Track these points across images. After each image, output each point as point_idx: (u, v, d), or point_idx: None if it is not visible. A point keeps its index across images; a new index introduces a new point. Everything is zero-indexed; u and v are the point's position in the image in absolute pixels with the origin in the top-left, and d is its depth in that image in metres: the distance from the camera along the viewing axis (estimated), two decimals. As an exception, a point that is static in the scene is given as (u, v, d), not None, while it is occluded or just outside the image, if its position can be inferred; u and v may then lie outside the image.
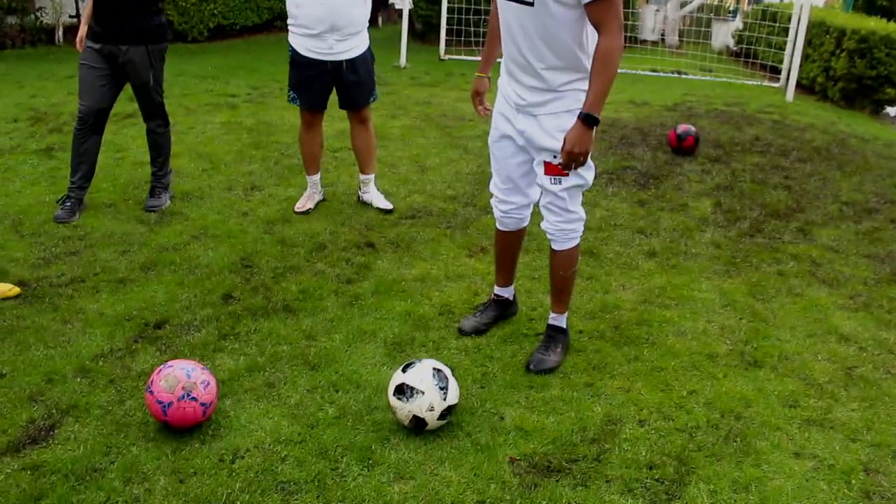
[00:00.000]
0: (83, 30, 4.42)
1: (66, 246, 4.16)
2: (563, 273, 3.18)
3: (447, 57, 11.00)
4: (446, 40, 11.17)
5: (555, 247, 3.15)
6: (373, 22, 4.41)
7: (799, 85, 9.60)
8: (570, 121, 2.89)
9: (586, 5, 2.70)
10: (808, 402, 3.04)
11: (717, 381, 3.15)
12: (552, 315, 3.29)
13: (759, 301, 3.86)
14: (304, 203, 4.78)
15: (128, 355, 3.16)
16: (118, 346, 3.22)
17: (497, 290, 3.54)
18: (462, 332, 3.41)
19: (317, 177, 4.82)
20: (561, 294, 3.25)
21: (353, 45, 4.45)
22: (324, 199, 4.88)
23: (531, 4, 2.77)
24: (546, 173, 3.00)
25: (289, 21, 4.48)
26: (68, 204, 4.56)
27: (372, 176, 4.91)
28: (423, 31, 12.84)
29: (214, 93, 8.05)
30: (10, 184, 5.07)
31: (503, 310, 3.55)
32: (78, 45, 4.45)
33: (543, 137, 2.95)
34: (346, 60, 4.45)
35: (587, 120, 2.75)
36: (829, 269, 4.30)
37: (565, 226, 3.08)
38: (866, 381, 3.21)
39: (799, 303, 3.87)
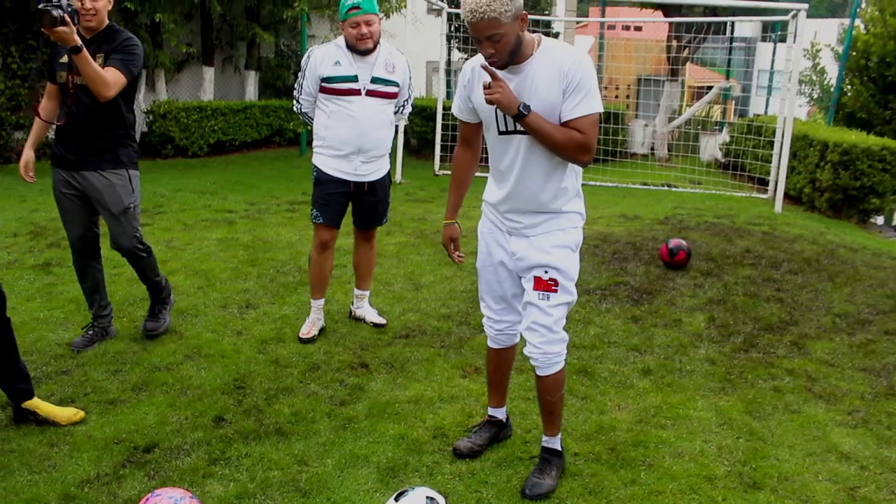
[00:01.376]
0: (27, 154, 4.26)
1: (58, 364, 4.14)
2: (550, 398, 3.16)
3: (442, 172, 11.24)
4: (441, 156, 11.44)
5: (540, 373, 3.13)
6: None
7: (786, 196, 9.79)
8: (563, 238, 2.96)
9: (572, 121, 2.82)
10: (810, 528, 2.97)
11: (716, 505, 3.09)
12: (545, 438, 3.25)
13: (755, 419, 3.82)
14: (310, 329, 4.68)
15: (115, 481, 3.10)
16: (105, 472, 3.16)
17: (491, 410, 3.51)
18: (457, 454, 3.36)
19: (322, 302, 4.77)
20: (551, 417, 3.22)
21: (377, 167, 4.60)
22: (324, 327, 4.80)
23: (528, 133, 2.87)
24: (535, 288, 3.02)
25: (315, 143, 4.59)
26: (89, 333, 4.48)
27: (367, 292, 4.97)
28: (418, 147, 13.17)
29: (212, 208, 8.18)
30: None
31: (498, 431, 3.50)
32: (23, 172, 4.25)
33: (536, 254, 3.01)
34: (368, 182, 4.57)
35: (522, 107, 2.82)
36: (825, 383, 4.28)
37: (549, 348, 3.06)
38: (870, 502, 3.15)
39: (796, 420, 3.84)
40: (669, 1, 13.29)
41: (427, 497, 2.69)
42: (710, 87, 16.43)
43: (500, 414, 3.50)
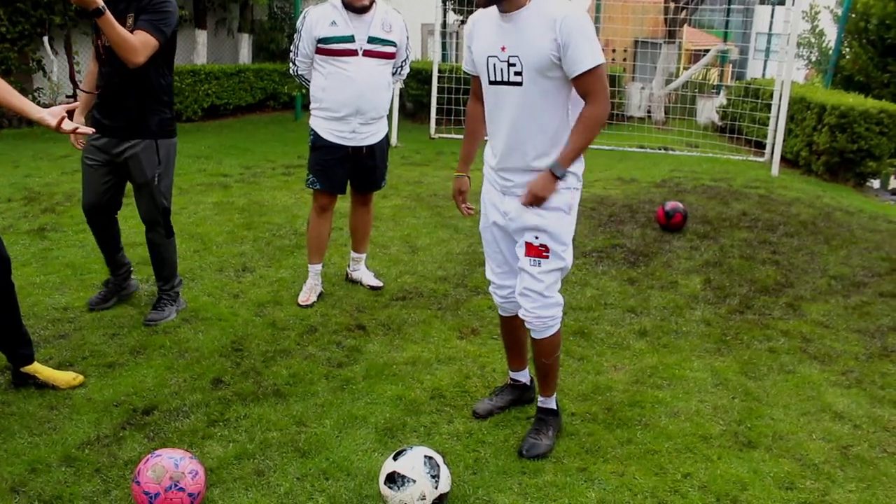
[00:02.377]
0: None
1: (56, 329, 4.14)
2: (545, 360, 3.17)
3: (437, 136, 11.18)
4: (436, 119, 11.38)
5: (534, 335, 3.13)
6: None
7: (783, 159, 9.77)
8: (555, 199, 2.93)
9: (575, 78, 2.78)
10: (804, 484, 3.01)
11: (711, 463, 3.12)
12: (541, 398, 3.27)
13: (751, 379, 3.85)
14: (309, 296, 4.64)
15: (115, 443, 3.12)
16: (105, 434, 3.17)
17: (511, 374, 3.50)
18: (476, 416, 3.37)
19: (319, 267, 4.73)
20: (546, 379, 3.23)
21: (375, 130, 4.53)
22: (322, 292, 4.77)
23: (520, 84, 2.85)
24: (526, 254, 3.01)
25: (312, 105, 4.50)
26: (104, 290, 4.46)
27: (364, 255, 4.96)
28: (414, 110, 13.09)
29: (207, 172, 8.14)
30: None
31: (520, 394, 3.50)
32: (73, 141, 4.00)
33: (526, 215, 2.97)
34: (367, 146, 4.51)
35: (553, 169, 2.84)
36: (819, 344, 4.31)
37: (542, 312, 3.05)
38: (863, 460, 3.18)
39: (791, 380, 3.87)
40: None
41: (425, 456, 2.71)
42: (707, 50, 16.32)
43: (521, 377, 3.50)
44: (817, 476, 3.07)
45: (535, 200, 2.87)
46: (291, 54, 4.51)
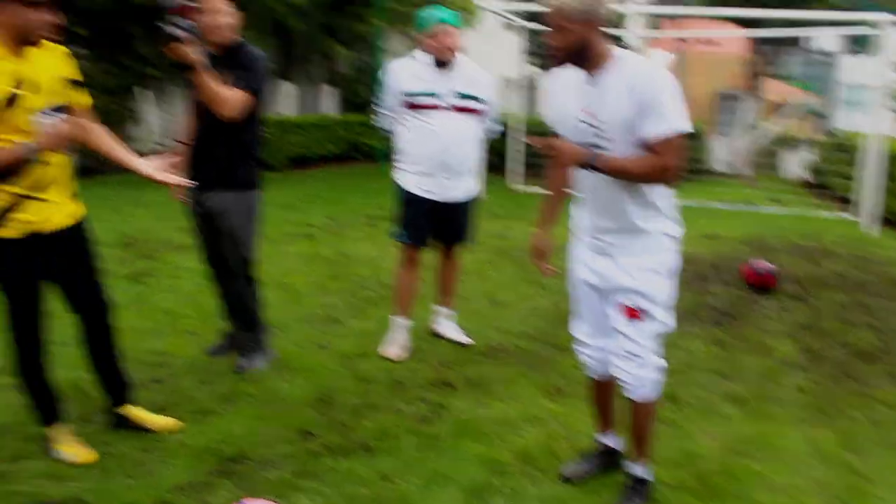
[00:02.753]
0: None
1: (151, 373, 4.26)
2: (640, 424, 3.10)
3: (521, 189, 11.22)
4: (518, 172, 11.44)
5: (629, 396, 3.08)
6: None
7: (880, 217, 9.46)
8: (649, 260, 2.90)
9: (650, 142, 2.73)
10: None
11: (812, 541, 2.99)
12: (631, 465, 3.20)
13: (853, 453, 3.69)
14: (395, 349, 4.63)
15: (206, 489, 3.17)
16: (197, 479, 3.23)
17: (599, 438, 3.43)
18: (564, 479, 3.31)
19: (406, 321, 4.71)
20: (640, 443, 3.16)
21: (462, 184, 4.54)
22: (408, 345, 4.74)
23: (604, 147, 2.83)
24: (621, 315, 2.97)
25: (398, 158, 4.56)
26: (223, 342, 4.57)
27: (450, 309, 4.98)
28: (496, 163, 13.16)
29: (293, 222, 8.34)
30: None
31: (609, 459, 3.40)
32: (172, 192, 4.13)
33: (621, 276, 2.94)
34: (453, 201, 4.54)
35: (591, 158, 2.79)
36: (924, 418, 4.11)
37: (639, 371, 3.01)
38: (975, 546, 3.01)
39: (897, 457, 3.69)
40: (747, 15, 13.03)
41: None
42: (791, 103, 16.06)
43: (610, 441, 3.41)
44: (927, 560, 2.91)
45: (553, 148, 2.83)
46: (376, 107, 4.59)
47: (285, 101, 14.29)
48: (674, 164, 2.76)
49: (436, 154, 4.39)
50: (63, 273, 3.35)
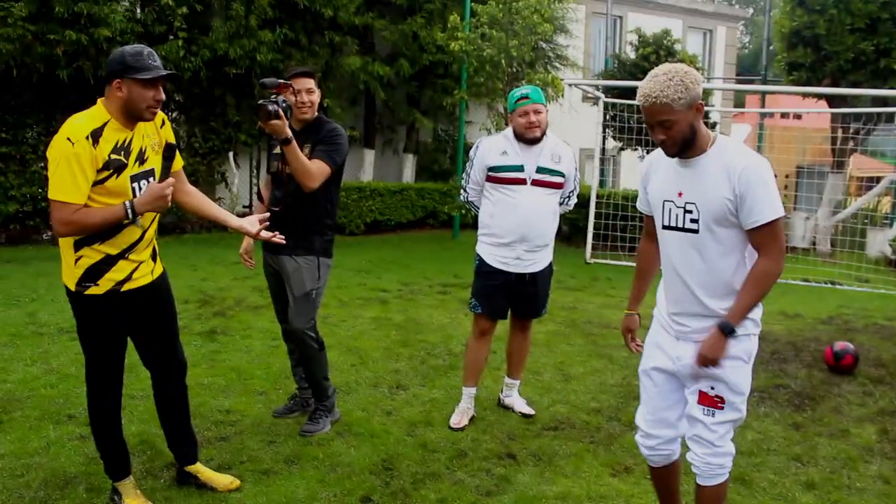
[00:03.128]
0: (247, 241, 4.42)
1: (218, 431, 4.34)
2: None
3: (593, 261, 11.16)
4: (593, 244, 11.39)
5: (700, 482, 3.00)
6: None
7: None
8: (733, 348, 2.84)
9: (750, 230, 2.74)
10: None
11: None
12: None
13: (936, 550, 3.49)
14: (461, 419, 4.64)
15: (266, 553, 3.19)
16: (258, 542, 3.26)
17: None
18: None
19: (474, 390, 4.74)
20: None
21: (540, 258, 4.63)
22: (474, 415, 4.75)
23: (696, 232, 2.83)
24: (699, 402, 2.92)
25: (480, 231, 4.69)
26: (290, 403, 4.70)
27: (518, 381, 4.95)
28: (570, 234, 13.17)
29: (367, 287, 8.45)
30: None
31: None
32: (243, 259, 4.53)
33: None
34: (530, 273, 4.60)
35: (724, 328, 2.76)
36: None
37: (713, 459, 2.94)
38: None
39: (985, 556, 3.47)
40: (834, 92, 12.84)
41: None
42: (878, 179, 15.63)
43: None
44: None
45: (707, 362, 2.81)
46: (462, 181, 4.74)
47: (366, 167, 14.65)
48: (776, 251, 2.76)
49: (517, 227, 4.49)
50: (143, 329, 3.47)
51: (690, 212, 2.83)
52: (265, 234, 3.59)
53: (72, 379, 5.06)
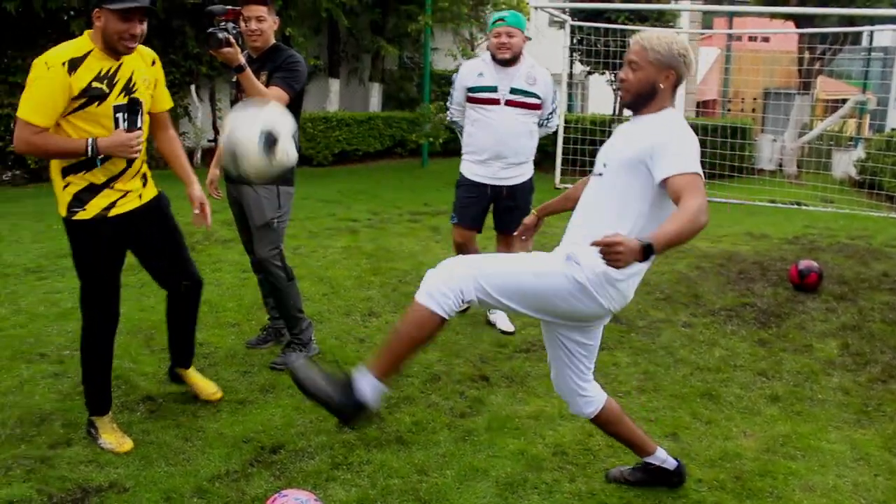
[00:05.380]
0: (213, 172, 4.49)
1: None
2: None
3: (562, 185, 11.17)
4: (562, 168, 11.40)
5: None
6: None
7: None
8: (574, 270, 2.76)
9: (664, 180, 2.61)
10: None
11: (851, 544, 2.94)
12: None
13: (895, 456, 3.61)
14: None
15: (243, 478, 3.22)
16: (234, 469, 3.29)
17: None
18: (607, 479, 3.27)
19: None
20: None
21: (517, 173, 4.87)
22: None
23: (601, 175, 2.87)
24: None
25: (462, 148, 4.98)
26: (263, 334, 4.71)
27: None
28: (539, 159, 13.12)
29: (336, 217, 8.41)
30: (145, 299, 5.36)
31: (653, 478, 3.22)
32: (210, 190, 4.43)
33: None
34: (507, 186, 4.84)
35: (647, 248, 2.36)
36: (972, 422, 4.00)
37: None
38: None
39: (941, 460, 3.60)
40: (802, 11, 12.76)
41: None
42: (844, 101, 15.71)
43: (655, 461, 3.20)
44: (971, 567, 2.84)
45: (610, 245, 2.36)
46: (447, 102, 5.05)
47: (331, 97, 14.41)
48: (701, 195, 2.52)
49: (491, 145, 4.76)
50: (146, 252, 3.61)
51: (607, 162, 2.86)
52: (198, 219, 3.71)
53: (41, 318, 5.02)
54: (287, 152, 3.03)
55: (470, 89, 4.77)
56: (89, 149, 3.14)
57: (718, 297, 5.90)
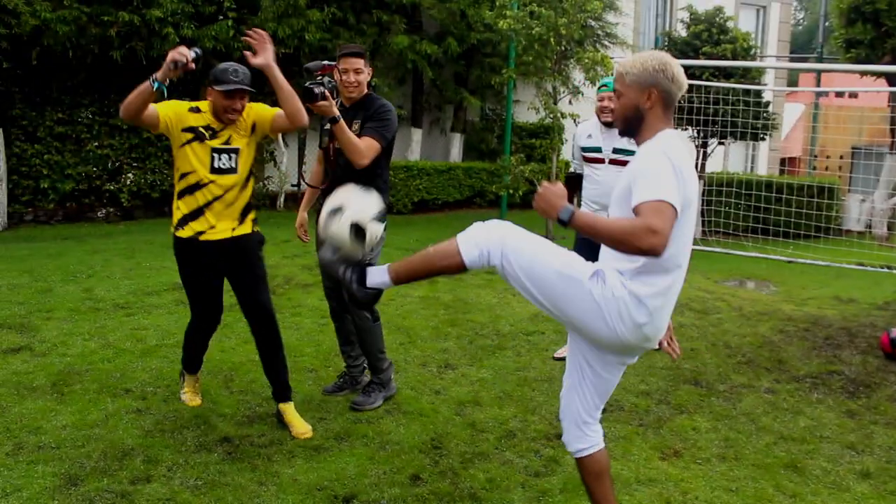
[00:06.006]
0: (301, 216, 4.63)
1: (270, 406, 4.40)
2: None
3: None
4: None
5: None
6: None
7: None
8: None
9: (634, 209, 2.55)
10: None
11: None
12: None
13: None
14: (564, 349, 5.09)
15: (317, 527, 3.24)
16: (308, 517, 3.31)
17: None
18: None
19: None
20: None
21: None
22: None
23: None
24: None
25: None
26: (340, 381, 4.76)
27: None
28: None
29: (414, 266, 8.46)
30: (226, 340, 5.50)
31: None
32: (299, 233, 4.66)
33: None
34: None
35: (564, 213, 2.53)
36: None
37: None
38: None
39: None
40: (894, 70, 12.44)
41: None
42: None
43: None
44: None
45: (539, 196, 2.61)
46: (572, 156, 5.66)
47: (413, 146, 14.65)
48: (640, 228, 2.43)
49: (598, 198, 5.28)
50: (230, 277, 4.11)
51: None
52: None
53: (127, 354, 5.19)
54: (376, 234, 3.14)
55: (582, 149, 5.37)
56: (152, 80, 3.59)
57: (803, 363, 5.71)
